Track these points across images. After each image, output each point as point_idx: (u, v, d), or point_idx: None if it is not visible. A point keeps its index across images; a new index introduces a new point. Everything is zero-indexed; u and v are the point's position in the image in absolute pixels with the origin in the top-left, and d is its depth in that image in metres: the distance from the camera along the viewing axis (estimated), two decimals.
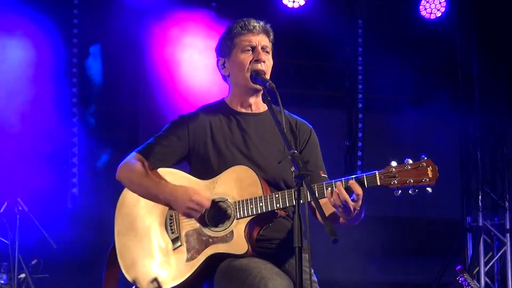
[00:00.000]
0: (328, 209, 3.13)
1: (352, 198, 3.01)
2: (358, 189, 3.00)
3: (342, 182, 3.02)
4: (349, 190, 3.01)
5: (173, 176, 3.33)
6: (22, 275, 6.01)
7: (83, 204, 7.33)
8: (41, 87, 6.96)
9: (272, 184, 3.27)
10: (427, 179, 2.99)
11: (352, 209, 3.01)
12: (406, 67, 8.32)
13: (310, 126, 3.49)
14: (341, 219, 3.18)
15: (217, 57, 3.48)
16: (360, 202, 3.02)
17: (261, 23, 3.40)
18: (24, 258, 5.99)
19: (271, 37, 3.42)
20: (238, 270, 3.09)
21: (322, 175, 3.38)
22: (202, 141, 3.36)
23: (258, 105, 3.42)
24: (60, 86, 7.16)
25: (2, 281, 6.04)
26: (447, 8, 8.09)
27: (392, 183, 3.01)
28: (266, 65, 3.34)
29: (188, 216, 3.20)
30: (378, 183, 3.03)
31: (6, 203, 5.96)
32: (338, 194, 2.99)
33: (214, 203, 3.22)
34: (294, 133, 3.42)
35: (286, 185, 3.29)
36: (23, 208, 5.88)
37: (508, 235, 8.09)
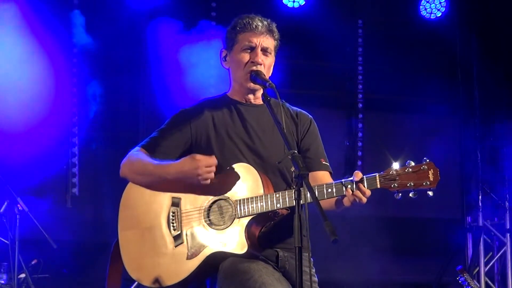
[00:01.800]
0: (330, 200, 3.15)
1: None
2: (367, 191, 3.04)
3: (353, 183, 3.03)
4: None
5: None
6: (22, 275, 6.01)
7: (83, 204, 7.33)
8: (40, 87, 6.95)
9: (275, 172, 3.28)
10: (428, 183, 2.98)
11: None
12: (406, 67, 8.31)
13: (311, 116, 3.51)
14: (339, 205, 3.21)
15: (222, 47, 3.49)
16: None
17: (265, 22, 3.38)
18: (24, 258, 5.99)
19: (276, 35, 3.41)
20: (239, 272, 3.09)
21: (323, 162, 3.40)
22: (204, 133, 3.37)
23: (258, 98, 3.44)
24: (60, 86, 7.15)
25: (2, 281, 6.04)
26: (447, 8, 8.09)
27: (392, 186, 3.01)
28: (263, 66, 3.33)
29: (205, 182, 3.17)
30: (378, 186, 3.03)
31: (6, 203, 5.95)
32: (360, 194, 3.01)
33: (216, 201, 3.23)
34: (295, 121, 3.43)
35: (289, 172, 3.29)
36: (23, 208, 5.88)
37: (508, 235, 8.09)
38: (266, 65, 3.35)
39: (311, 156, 3.38)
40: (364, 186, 3.02)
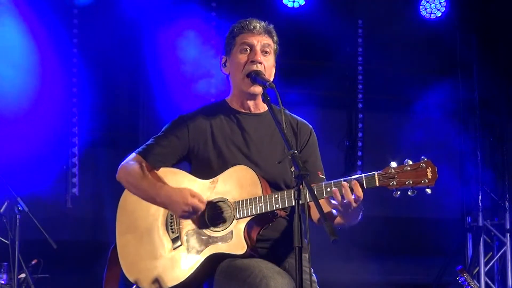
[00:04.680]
0: (324, 209, 3.14)
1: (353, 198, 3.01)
2: (359, 191, 3.00)
3: (346, 182, 3.01)
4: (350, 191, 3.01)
5: (174, 176, 3.34)
6: (22, 275, 6.00)
7: (83, 204, 7.33)
8: (41, 87, 6.96)
9: (271, 184, 3.27)
10: (427, 181, 2.98)
11: (352, 209, 3.01)
12: (406, 67, 8.31)
13: (311, 126, 3.49)
14: (337, 219, 3.18)
15: (221, 55, 3.49)
16: (359, 203, 3.02)
17: (263, 23, 3.38)
18: (24, 258, 5.98)
19: (275, 37, 3.40)
20: (239, 269, 3.09)
21: (320, 175, 3.39)
22: (202, 141, 3.35)
23: (258, 106, 3.42)
24: (60, 86, 7.15)
25: (2, 281, 6.04)
26: (447, 8, 8.09)
27: (391, 184, 3.01)
28: (263, 66, 3.32)
29: (185, 218, 3.21)
30: (377, 184, 3.02)
31: (6, 203, 5.95)
32: (343, 194, 2.98)
33: (214, 203, 3.22)
34: (295, 133, 3.42)
35: (285, 185, 3.30)
36: (23, 208, 5.88)
37: (508, 235, 8.10)
38: (266, 65, 3.34)
39: (309, 169, 3.34)
40: (364, 186, 3.02)
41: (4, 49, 6.84)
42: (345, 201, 2.99)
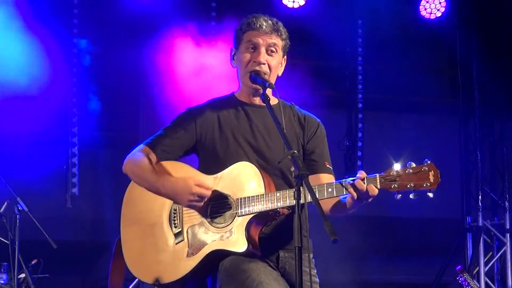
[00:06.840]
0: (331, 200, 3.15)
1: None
2: (373, 190, 3.00)
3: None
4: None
5: (179, 169, 3.34)
6: (22, 275, 6.01)
7: (83, 204, 7.33)
8: (40, 87, 6.96)
9: (278, 175, 3.28)
10: (429, 184, 2.96)
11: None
12: (406, 67, 8.32)
13: (319, 120, 3.51)
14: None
15: (231, 47, 3.49)
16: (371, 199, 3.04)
17: (270, 21, 3.37)
18: (24, 258, 5.99)
19: (283, 34, 3.40)
20: (238, 270, 3.10)
21: (327, 165, 3.39)
22: (209, 132, 3.37)
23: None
24: (60, 85, 7.15)
25: (2, 281, 6.04)
26: (447, 8, 8.09)
27: (392, 187, 2.99)
28: (267, 66, 3.33)
29: (191, 207, 3.21)
30: (379, 186, 3.00)
31: (6, 203, 5.95)
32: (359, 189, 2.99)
33: (217, 199, 3.23)
34: (303, 125, 3.44)
35: (291, 175, 3.29)
36: (23, 208, 5.88)
37: (508, 235, 8.10)
38: (271, 65, 3.34)
39: (316, 159, 3.38)
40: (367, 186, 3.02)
41: (5, 49, 6.85)
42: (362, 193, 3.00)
